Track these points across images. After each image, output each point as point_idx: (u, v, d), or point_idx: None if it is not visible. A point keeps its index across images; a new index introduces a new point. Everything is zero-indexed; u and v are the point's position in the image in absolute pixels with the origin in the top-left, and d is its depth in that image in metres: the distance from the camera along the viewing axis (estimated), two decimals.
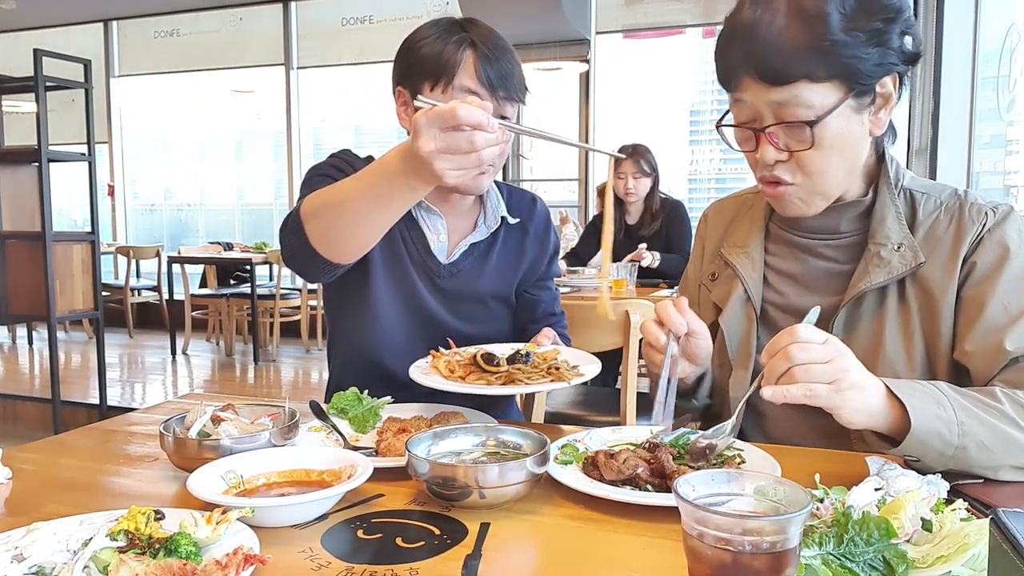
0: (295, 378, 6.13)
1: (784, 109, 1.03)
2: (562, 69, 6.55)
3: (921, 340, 1.10)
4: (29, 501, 0.99)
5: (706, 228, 1.39)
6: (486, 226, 1.49)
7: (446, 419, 1.18)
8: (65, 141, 6.00)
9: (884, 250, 1.11)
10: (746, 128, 1.09)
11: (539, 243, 1.57)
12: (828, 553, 0.71)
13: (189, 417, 1.11)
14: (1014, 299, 1.05)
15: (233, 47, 8.38)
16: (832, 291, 1.17)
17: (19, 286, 4.40)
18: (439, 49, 1.35)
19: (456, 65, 1.33)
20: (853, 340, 1.12)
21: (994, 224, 1.10)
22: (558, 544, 0.85)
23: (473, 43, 1.35)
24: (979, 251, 1.09)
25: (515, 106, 1.40)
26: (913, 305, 1.10)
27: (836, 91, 1.02)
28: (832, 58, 0.99)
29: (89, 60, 4.50)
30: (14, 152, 4.60)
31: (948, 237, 1.11)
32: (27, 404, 5.26)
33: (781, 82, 1.01)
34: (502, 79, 1.35)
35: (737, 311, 1.23)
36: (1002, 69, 2.84)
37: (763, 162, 1.08)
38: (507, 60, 1.36)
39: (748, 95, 1.05)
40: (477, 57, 1.34)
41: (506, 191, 1.57)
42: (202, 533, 0.77)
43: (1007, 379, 1.03)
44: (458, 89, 1.33)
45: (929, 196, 1.15)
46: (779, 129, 1.05)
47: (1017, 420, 0.95)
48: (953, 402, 0.94)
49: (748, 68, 1.03)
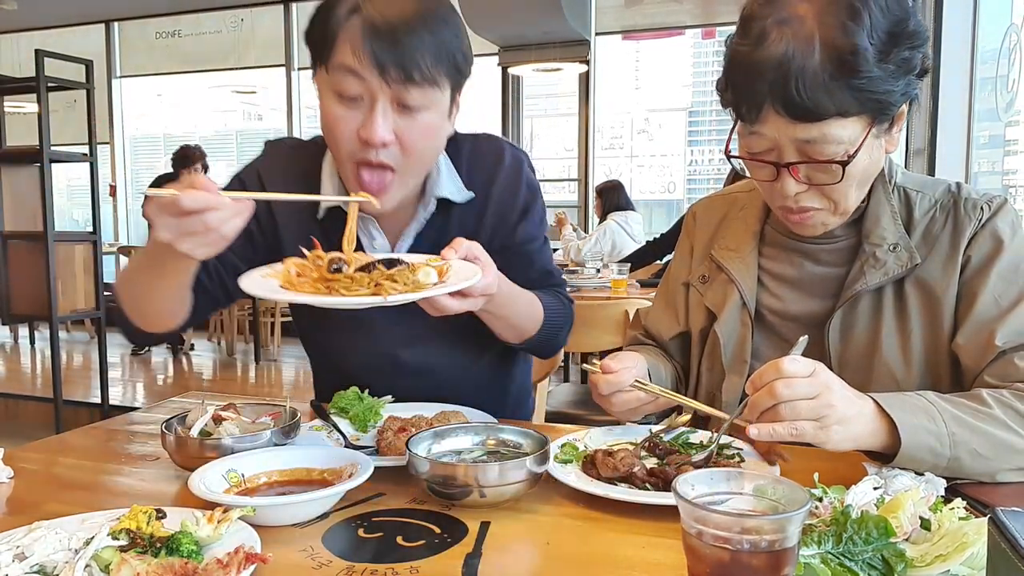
0: (296, 377, 6.13)
1: (811, 147, 0.99)
2: (562, 70, 6.55)
3: (920, 341, 1.09)
4: (31, 500, 0.99)
5: (694, 226, 1.34)
6: (424, 209, 1.28)
7: (447, 418, 1.18)
8: (67, 141, 5.99)
9: (879, 251, 1.09)
10: (765, 162, 1.03)
11: (501, 210, 1.33)
12: (827, 552, 0.71)
13: (190, 416, 1.11)
14: (1005, 292, 1.04)
15: (234, 48, 8.38)
16: (829, 294, 1.15)
17: (21, 286, 4.40)
18: (323, 18, 1.12)
19: (334, 37, 1.09)
20: (849, 343, 1.11)
21: (988, 217, 1.09)
22: (558, 543, 0.85)
23: (359, 7, 1.09)
24: (974, 245, 1.08)
25: (429, 88, 1.11)
26: (912, 306, 1.09)
27: (862, 124, 0.99)
28: (865, 94, 0.95)
29: (91, 61, 4.50)
30: (16, 152, 4.60)
31: (946, 235, 1.09)
32: (29, 403, 5.27)
33: (811, 119, 0.96)
34: (397, 56, 1.07)
35: (733, 319, 1.20)
36: (1000, 69, 2.84)
37: (784, 194, 1.05)
38: (410, 31, 1.08)
39: (770, 129, 1.00)
40: (362, 26, 1.08)
41: (467, 153, 1.34)
42: (203, 532, 0.78)
43: (995, 373, 1.02)
44: (336, 68, 1.10)
45: (924, 194, 1.14)
46: (803, 163, 1.01)
47: (1007, 422, 0.94)
48: (943, 413, 0.93)
49: (776, 103, 0.96)
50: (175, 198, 0.90)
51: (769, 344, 1.20)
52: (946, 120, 2.65)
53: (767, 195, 1.12)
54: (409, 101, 1.11)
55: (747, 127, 1.03)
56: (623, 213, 5.74)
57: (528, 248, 1.36)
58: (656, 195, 7.68)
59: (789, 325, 1.19)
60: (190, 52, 8.65)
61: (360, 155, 1.14)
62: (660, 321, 1.34)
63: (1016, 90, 2.75)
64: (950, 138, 2.66)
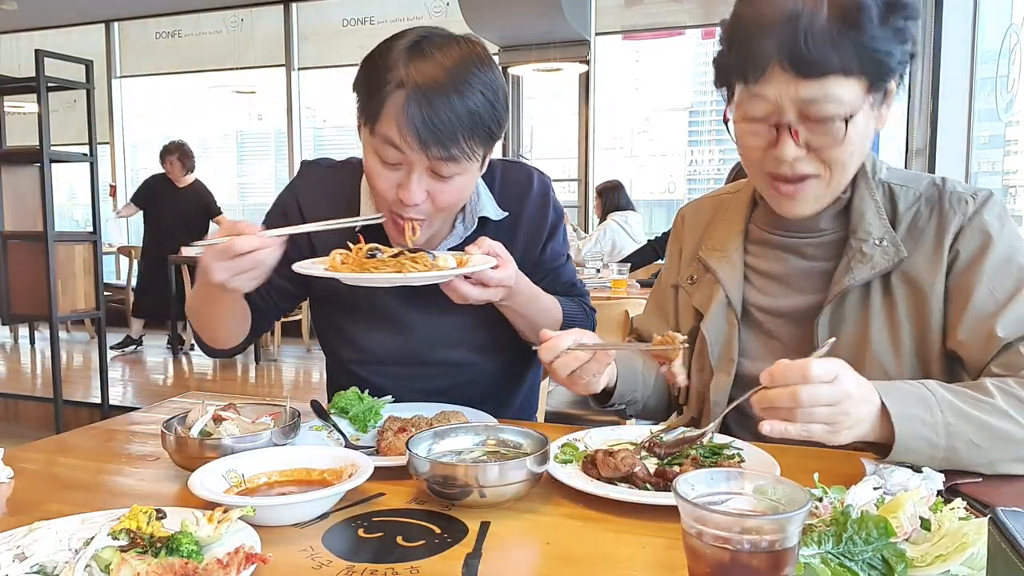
0: (296, 377, 6.13)
1: (813, 106, 1.00)
2: (562, 70, 6.56)
3: (909, 334, 1.09)
4: (31, 500, 0.99)
5: (683, 229, 1.35)
6: (463, 227, 1.37)
7: (447, 418, 1.18)
8: (67, 142, 6.00)
9: (866, 245, 1.09)
10: (765, 124, 1.03)
11: (531, 230, 1.42)
12: (827, 552, 0.71)
13: (190, 416, 1.11)
14: (1000, 285, 1.05)
15: (234, 48, 8.38)
16: (816, 290, 1.15)
17: (21, 286, 4.41)
18: (372, 82, 1.18)
19: (380, 107, 1.16)
20: (839, 338, 1.10)
21: (975, 211, 1.09)
22: (558, 543, 0.85)
23: (403, 83, 1.14)
24: (961, 240, 1.08)
25: (465, 161, 1.18)
26: (899, 299, 1.09)
27: (861, 87, 1.00)
28: (867, 52, 0.98)
29: (91, 61, 4.50)
30: (16, 152, 4.61)
31: (931, 229, 1.10)
32: (29, 404, 5.27)
33: (816, 75, 0.97)
34: (437, 136, 1.13)
35: (719, 317, 1.21)
36: (1000, 70, 2.84)
37: (781, 158, 1.04)
38: (451, 109, 1.13)
39: (773, 89, 1.00)
40: (407, 104, 1.13)
41: (499, 177, 1.43)
42: (203, 532, 0.78)
43: (1002, 363, 1.02)
44: (379, 136, 1.17)
45: (908, 188, 1.14)
46: (803, 125, 1.01)
47: (1009, 411, 0.94)
48: (942, 403, 0.93)
49: (782, 58, 0.98)
50: (230, 244, 1.06)
51: (758, 342, 1.20)
52: (946, 120, 2.65)
53: (759, 166, 1.09)
54: (444, 172, 1.19)
55: (749, 90, 1.03)
56: (623, 213, 5.74)
57: (555, 265, 1.48)
58: (656, 195, 7.68)
59: (777, 321, 1.19)
60: (190, 52, 8.65)
61: (396, 208, 1.24)
62: (651, 324, 1.36)
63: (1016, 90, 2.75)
64: (950, 138, 2.66)
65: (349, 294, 1.37)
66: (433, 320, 1.39)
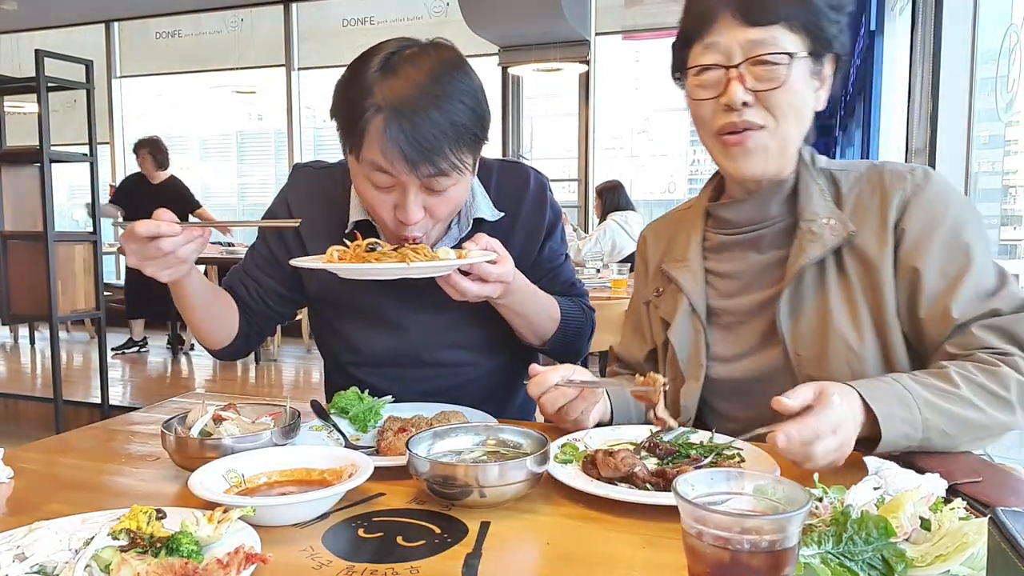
0: (296, 377, 6.13)
1: (758, 47, 1.08)
2: (562, 70, 6.56)
3: (866, 309, 1.12)
4: (31, 500, 0.99)
5: (647, 249, 1.41)
6: (458, 228, 1.36)
7: (446, 418, 1.18)
8: (67, 142, 6.00)
9: (815, 225, 1.13)
10: (717, 68, 1.11)
11: (529, 230, 1.42)
12: (827, 552, 0.71)
13: (191, 416, 1.11)
14: (951, 262, 1.09)
15: (234, 48, 8.39)
16: (775, 281, 1.18)
17: (21, 286, 4.41)
18: (349, 109, 1.16)
19: (362, 133, 1.14)
20: (801, 319, 1.14)
21: (917, 189, 1.12)
22: (558, 543, 0.85)
23: (380, 107, 1.12)
24: (907, 218, 1.11)
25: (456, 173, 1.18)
26: (853, 275, 1.13)
27: (803, 45, 1.10)
28: (809, 7, 1.08)
29: (91, 61, 4.50)
30: (16, 152, 4.61)
31: (874, 205, 1.14)
32: (29, 404, 5.27)
33: (763, 22, 1.07)
34: (424, 155, 1.12)
35: (684, 323, 1.24)
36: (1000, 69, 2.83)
37: (731, 104, 1.09)
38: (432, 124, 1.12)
39: (723, 36, 1.09)
40: (386, 127, 1.12)
41: (496, 178, 1.43)
42: (203, 532, 0.78)
43: (957, 344, 1.07)
44: (366, 163, 1.16)
45: (848, 172, 1.19)
46: (750, 70, 1.09)
47: (973, 400, 1.00)
48: (918, 399, 0.99)
49: (731, 6, 1.08)
50: (131, 227, 1.07)
51: (728, 343, 1.23)
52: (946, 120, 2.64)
53: (711, 126, 1.15)
54: (438, 187, 1.19)
55: (702, 43, 1.12)
56: (623, 213, 5.74)
57: (553, 265, 1.48)
58: (656, 195, 7.68)
59: (743, 319, 1.22)
60: (190, 52, 8.66)
61: (398, 230, 1.24)
62: (631, 344, 1.39)
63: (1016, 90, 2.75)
64: (950, 138, 2.65)
65: (343, 295, 1.38)
66: (427, 320, 1.39)
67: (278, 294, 1.45)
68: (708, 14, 1.11)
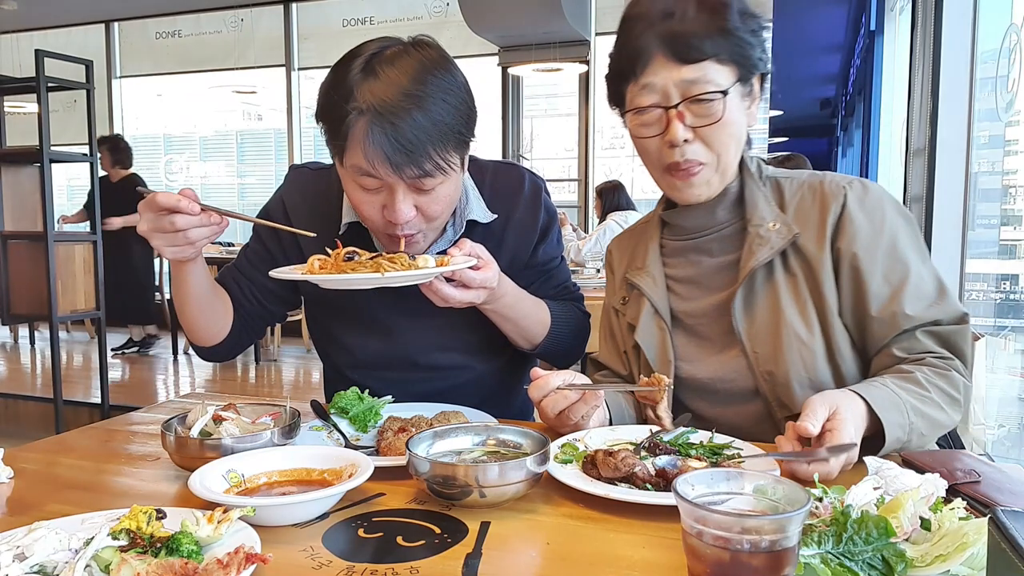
0: (296, 378, 6.13)
1: (693, 86, 1.13)
2: (562, 70, 6.55)
3: (811, 305, 1.19)
4: (31, 500, 0.99)
5: (612, 261, 1.46)
6: (453, 230, 1.35)
7: (447, 418, 1.18)
8: (67, 142, 6.00)
9: (762, 230, 1.21)
10: (656, 108, 1.16)
11: (521, 231, 1.41)
12: (827, 552, 0.71)
13: (190, 416, 1.11)
14: (892, 270, 1.16)
15: (234, 48, 8.39)
16: (729, 284, 1.25)
17: (21, 286, 4.41)
18: (332, 113, 1.15)
19: (345, 138, 1.14)
20: (755, 318, 1.21)
21: (855, 199, 1.19)
22: (558, 543, 0.85)
23: (363, 110, 1.11)
24: (845, 227, 1.18)
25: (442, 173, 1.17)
26: (799, 274, 1.20)
27: (732, 75, 1.15)
28: (733, 40, 1.14)
29: (91, 61, 4.50)
30: (16, 152, 4.61)
31: (815, 210, 1.21)
32: (29, 404, 5.27)
33: (692, 60, 1.12)
34: (409, 157, 1.12)
35: (649, 325, 1.30)
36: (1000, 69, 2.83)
37: (673, 141, 1.16)
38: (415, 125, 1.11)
39: (659, 77, 1.14)
40: (370, 130, 1.11)
41: (491, 179, 1.42)
42: (203, 532, 0.78)
43: (903, 347, 1.16)
44: (352, 168, 1.16)
45: (791, 180, 1.27)
46: (688, 108, 1.14)
47: (940, 404, 1.10)
48: (906, 404, 1.06)
49: (663, 48, 1.13)
50: (153, 195, 1.08)
51: (692, 344, 1.29)
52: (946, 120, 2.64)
53: (657, 162, 1.21)
54: (425, 186, 1.18)
55: (638, 84, 1.17)
56: (623, 213, 5.74)
57: (547, 267, 1.48)
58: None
59: (702, 321, 1.28)
60: (190, 52, 8.66)
61: (387, 229, 1.23)
62: (610, 353, 1.42)
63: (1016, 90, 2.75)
64: (950, 138, 2.65)
65: (337, 299, 1.37)
66: (419, 324, 1.39)
67: (272, 292, 1.44)
68: (641, 55, 1.15)
